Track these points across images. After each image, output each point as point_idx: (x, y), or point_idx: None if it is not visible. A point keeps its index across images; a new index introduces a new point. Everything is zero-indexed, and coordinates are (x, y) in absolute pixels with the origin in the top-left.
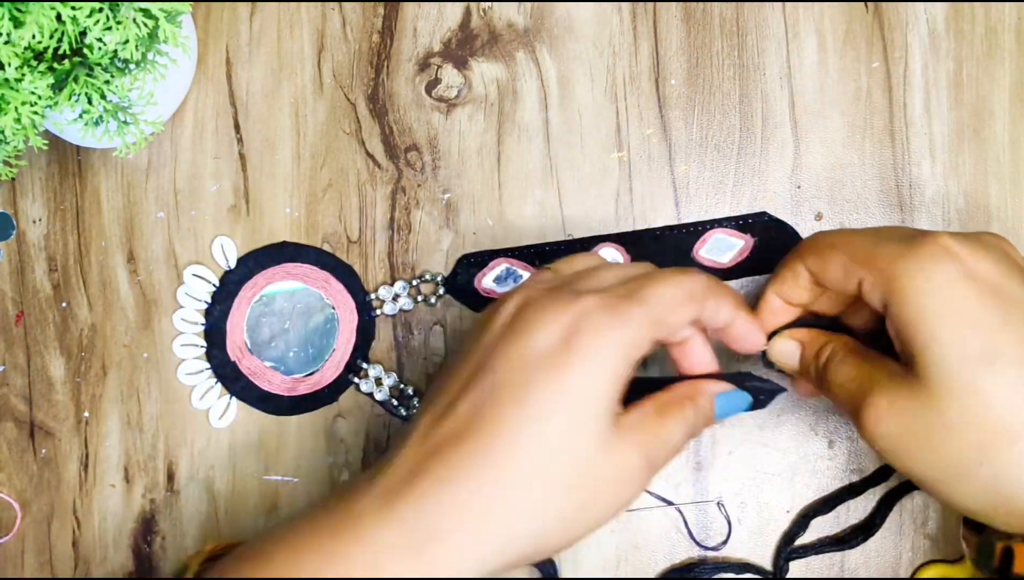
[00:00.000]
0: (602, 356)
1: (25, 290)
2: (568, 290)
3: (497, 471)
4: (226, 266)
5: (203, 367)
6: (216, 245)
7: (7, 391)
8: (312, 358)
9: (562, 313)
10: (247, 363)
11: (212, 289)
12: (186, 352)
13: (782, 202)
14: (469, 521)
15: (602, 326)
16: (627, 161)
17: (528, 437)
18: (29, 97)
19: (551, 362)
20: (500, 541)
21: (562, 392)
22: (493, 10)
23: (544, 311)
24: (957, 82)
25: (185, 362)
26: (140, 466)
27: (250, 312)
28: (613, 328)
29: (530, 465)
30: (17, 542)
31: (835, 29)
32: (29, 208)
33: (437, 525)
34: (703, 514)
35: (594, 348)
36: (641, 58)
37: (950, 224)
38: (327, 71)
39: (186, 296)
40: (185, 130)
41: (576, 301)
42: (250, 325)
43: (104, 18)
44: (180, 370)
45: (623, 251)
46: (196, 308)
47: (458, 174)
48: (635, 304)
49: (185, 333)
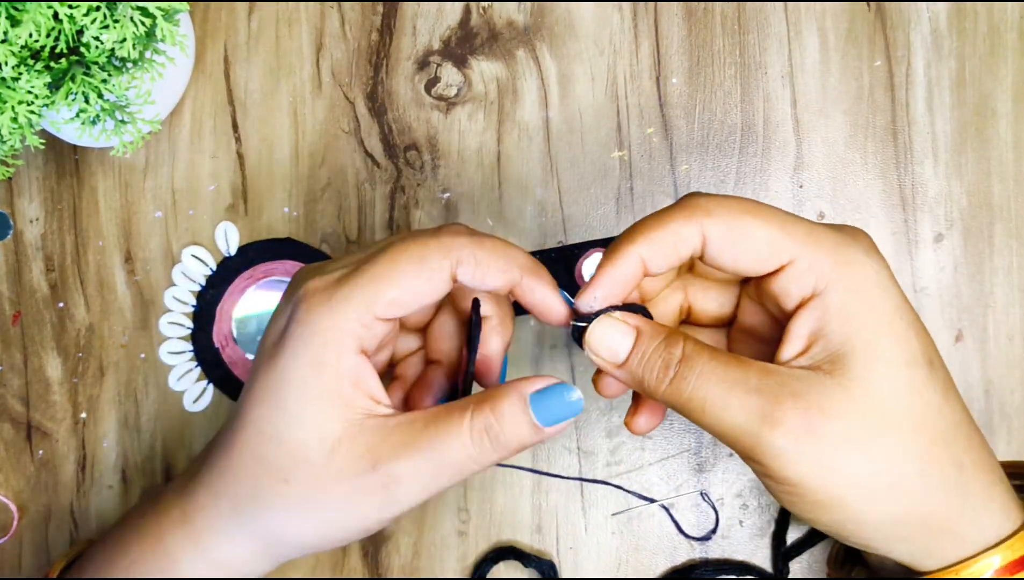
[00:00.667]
0: (309, 344)
1: (22, 290)
2: (309, 275)
3: (229, 457)
4: (226, 252)
5: (186, 348)
6: (220, 229)
7: (4, 392)
8: None
9: (287, 305)
10: (230, 352)
11: (208, 272)
12: (172, 330)
13: (784, 201)
14: (214, 499)
15: (310, 312)
16: (628, 160)
17: (251, 425)
18: (26, 96)
19: (271, 352)
20: (240, 522)
21: (276, 380)
22: (493, 8)
23: (284, 297)
24: (960, 81)
25: (169, 341)
26: (138, 467)
27: (242, 301)
28: (323, 315)
29: (250, 453)
30: (15, 543)
31: (837, 28)
32: (26, 208)
33: (203, 502)
34: (697, 510)
35: (299, 336)
36: (642, 56)
37: (953, 223)
38: (326, 70)
39: (181, 275)
40: (183, 129)
41: (301, 289)
42: (240, 315)
43: (101, 17)
44: (162, 348)
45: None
46: (189, 289)
47: (457, 173)
48: (348, 285)
49: (173, 311)
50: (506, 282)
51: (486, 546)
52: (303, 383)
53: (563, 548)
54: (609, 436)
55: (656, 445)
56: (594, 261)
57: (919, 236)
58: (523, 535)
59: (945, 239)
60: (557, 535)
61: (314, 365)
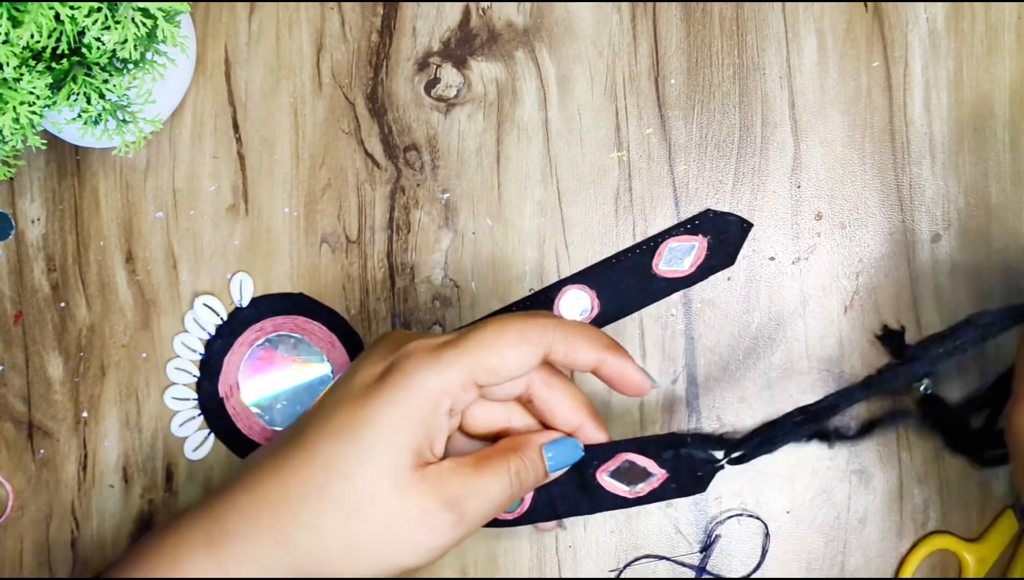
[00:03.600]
0: (410, 394)
1: (24, 290)
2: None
3: (284, 487)
4: (239, 303)
5: (190, 395)
6: (235, 281)
7: (5, 391)
8: (297, 415)
9: (388, 353)
10: (233, 403)
11: (219, 322)
12: (178, 376)
13: (782, 201)
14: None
15: (417, 366)
16: (627, 161)
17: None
18: (28, 96)
19: (362, 394)
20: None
21: (362, 420)
22: (492, 9)
23: (375, 349)
24: (957, 81)
25: (175, 386)
26: (139, 467)
27: (250, 354)
28: (428, 370)
29: (313, 484)
30: (15, 542)
31: (835, 28)
32: (28, 208)
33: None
34: (695, 508)
35: (402, 386)
36: (641, 57)
37: (950, 223)
38: (326, 70)
39: (193, 322)
40: (184, 130)
41: (407, 345)
42: (246, 366)
43: (103, 18)
44: (167, 393)
45: (586, 288)
46: (199, 336)
47: (457, 174)
48: (455, 348)
49: (181, 357)
50: (594, 360)
51: (484, 546)
52: (392, 430)
53: (562, 547)
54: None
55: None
56: (571, 298)
57: (917, 236)
58: (522, 534)
59: (942, 239)
60: (556, 534)
61: (410, 417)
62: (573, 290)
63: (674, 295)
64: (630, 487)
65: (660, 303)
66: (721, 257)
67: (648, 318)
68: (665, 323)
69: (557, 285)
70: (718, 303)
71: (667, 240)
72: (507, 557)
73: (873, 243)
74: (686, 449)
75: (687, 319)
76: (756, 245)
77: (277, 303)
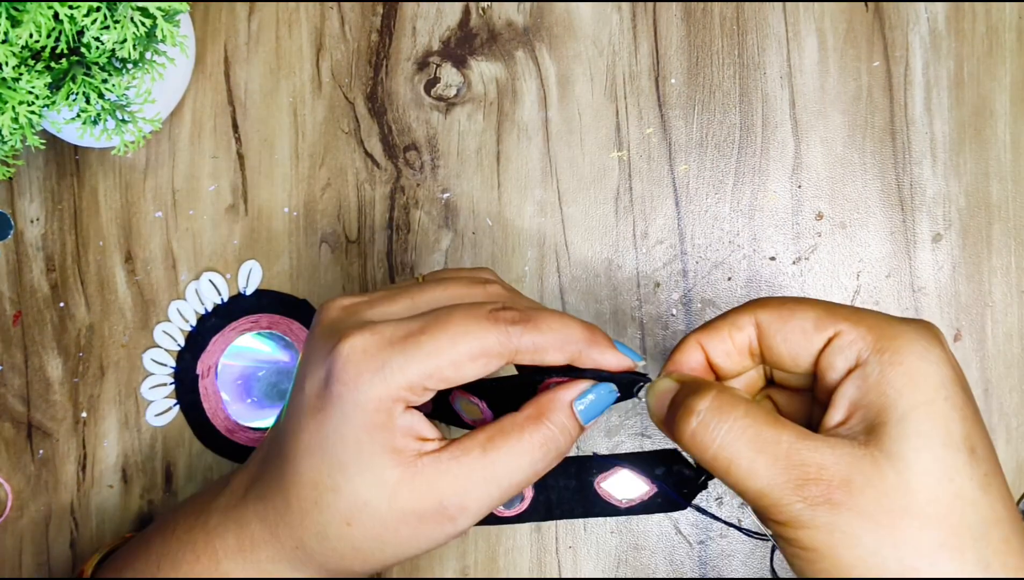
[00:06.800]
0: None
1: (23, 290)
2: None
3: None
4: (243, 289)
5: (169, 362)
6: (245, 267)
7: (4, 391)
8: (260, 414)
9: (325, 356)
10: (207, 383)
11: (219, 301)
12: (163, 340)
13: (782, 201)
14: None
15: (357, 377)
16: (627, 160)
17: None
18: (27, 96)
19: (315, 406)
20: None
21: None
22: (492, 9)
23: (313, 351)
24: (958, 81)
25: (156, 350)
26: (138, 467)
27: (238, 341)
28: (372, 379)
29: (311, 500)
30: (15, 542)
31: (835, 28)
32: (27, 208)
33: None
34: (695, 509)
35: (348, 400)
36: (641, 57)
37: (951, 223)
38: (326, 70)
39: (194, 293)
40: (183, 130)
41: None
42: (231, 352)
43: (102, 17)
44: (147, 354)
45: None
46: (195, 308)
47: (457, 174)
48: (403, 354)
49: (172, 323)
50: (566, 358)
51: (485, 546)
52: (357, 443)
53: (562, 547)
54: (608, 435)
55: (655, 444)
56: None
57: (917, 236)
58: (522, 533)
59: (943, 239)
60: (556, 534)
61: (367, 429)
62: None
63: (674, 295)
64: (622, 497)
65: (660, 303)
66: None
67: (648, 318)
68: (665, 323)
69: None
70: (718, 303)
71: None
72: (507, 557)
73: (874, 243)
74: (677, 466)
75: (687, 319)
76: (757, 245)
77: (278, 301)
